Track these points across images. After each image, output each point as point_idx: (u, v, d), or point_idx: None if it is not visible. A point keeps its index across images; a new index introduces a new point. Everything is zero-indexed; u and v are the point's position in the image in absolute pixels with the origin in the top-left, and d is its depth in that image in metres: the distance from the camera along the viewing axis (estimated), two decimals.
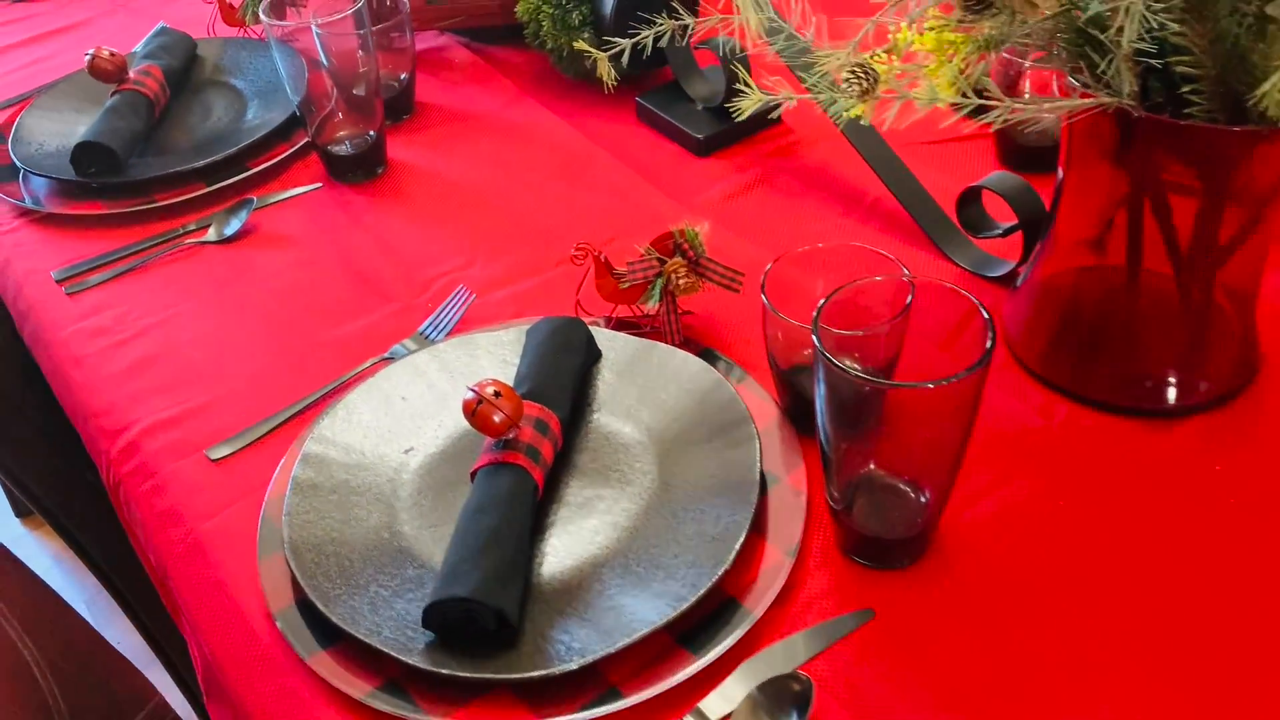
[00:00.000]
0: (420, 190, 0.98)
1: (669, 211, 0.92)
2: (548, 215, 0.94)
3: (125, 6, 1.34)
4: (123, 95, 1.03)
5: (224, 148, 1.01)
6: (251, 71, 1.13)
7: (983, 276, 0.82)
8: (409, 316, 0.83)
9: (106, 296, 0.89)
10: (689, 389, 0.71)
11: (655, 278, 0.75)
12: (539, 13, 1.05)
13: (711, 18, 0.76)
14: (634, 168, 0.98)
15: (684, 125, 1.00)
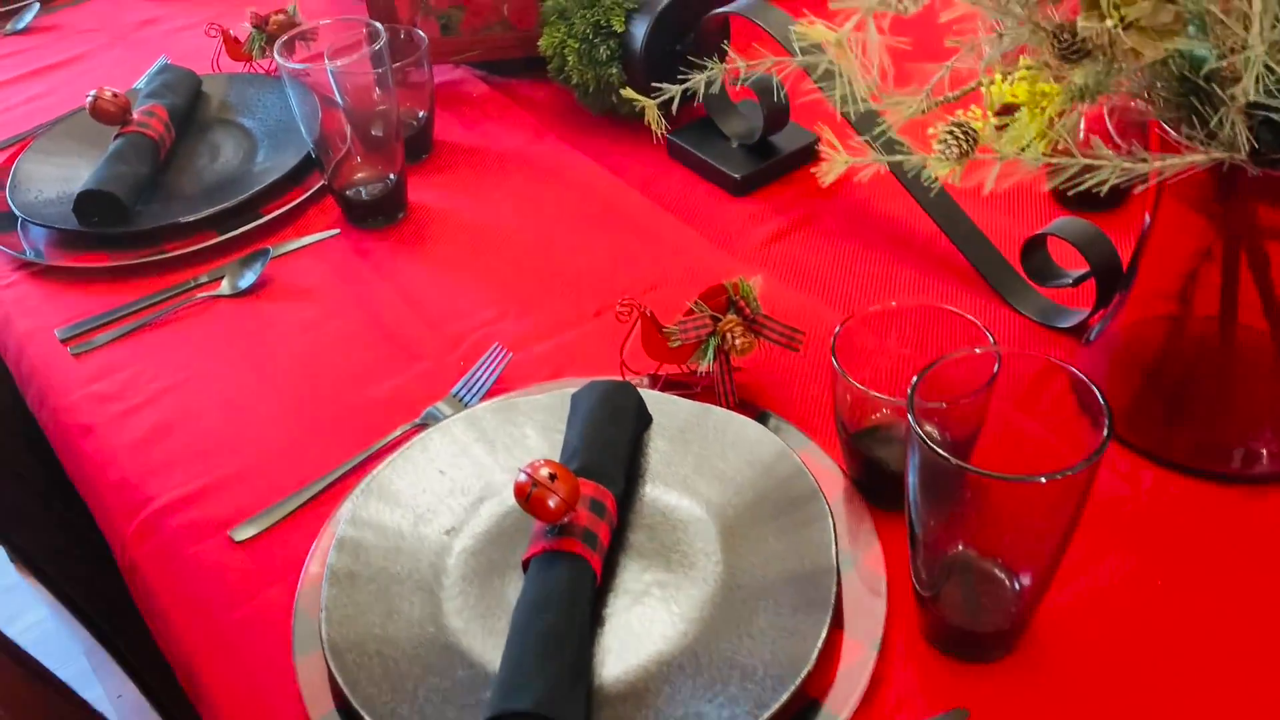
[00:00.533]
0: (444, 236, 0.93)
1: (710, 257, 0.87)
2: (580, 261, 0.89)
3: (124, 40, 1.29)
4: (127, 138, 0.98)
5: (235, 193, 0.96)
6: (260, 110, 1.08)
7: (1051, 327, 0.77)
8: (440, 376, 0.78)
9: (115, 356, 0.83)
10: (750, 459, 0.66)
11: (708, 336, 0.70)
12: (564, 47, 1.00)
13: (765, 59, 0.72)
14: (668, 208, 0.94)
15: (720, 164, 0.95)
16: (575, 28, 0.98)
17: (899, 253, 0.86)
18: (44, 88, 1.20)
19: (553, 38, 1.01)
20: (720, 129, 0.98)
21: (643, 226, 0.92)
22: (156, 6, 1.36)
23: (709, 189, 0.96)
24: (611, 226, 0.92)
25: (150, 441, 0.75)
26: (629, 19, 0.97)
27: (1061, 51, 0.54)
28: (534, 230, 0.93)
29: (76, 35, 1.31)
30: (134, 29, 1.31)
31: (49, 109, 1.16)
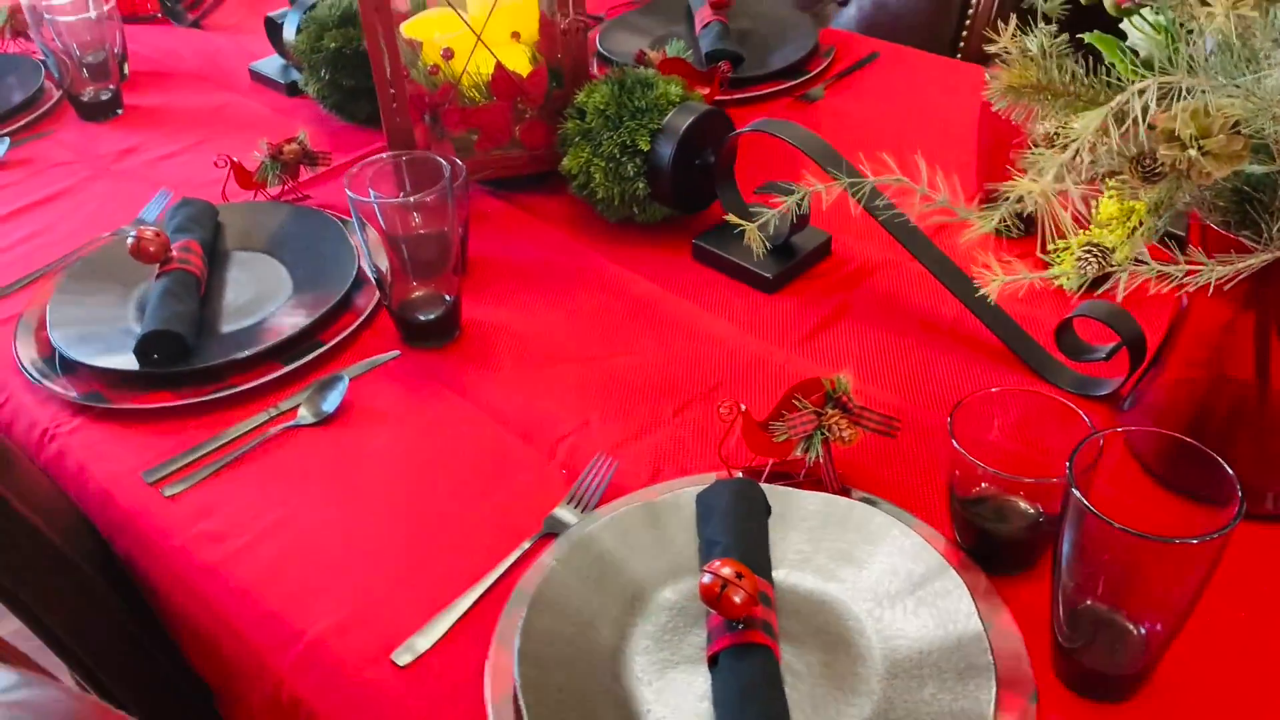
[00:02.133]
0: (502, 350, 0.98)
1: (759, 351, 0.95)
2: (638, 363, 0.95)
3: (106, 172, 1.29)
4: (173, 276, 0.99)
5: (288, 322, 0.98)
6: (282, 237, 1.10)
7: (1088, 397, 0.87)
8: (546, 486, 0.83)
9: (210, 494, 0.84)
10: (873, 539, 0.73)
11: (814, 430, 0.77)
12: (590, 165, 1.07)
13: (841, 180, 0.81)
14: (705, 308, 1.01)
15: (750, 264, 1.03)
16: (603, 148, 1.05)
17: (931, 336, 0.96)
18: (38, 225, 1.19)
19: (578, 157, 1.07)
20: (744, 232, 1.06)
21: (688, 327, 0.99)
22: (128, 135, 1.36)
23: (739, 288, 1.04)
24: (657, 328, 0.99)
25: (281, 574, 0.77)
26: (653, 138, 1.04)
27: (1143, 173, 0.64)
28: (584, 336, 0.99)
29: (53, 169, 1.30)
30: (114, 159, 1.31)
31: (49, 247, 1.15)
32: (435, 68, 1.12)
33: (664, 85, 1.07)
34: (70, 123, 1.40)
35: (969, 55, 1.53)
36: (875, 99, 1.35)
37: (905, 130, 1.26)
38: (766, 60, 1.40)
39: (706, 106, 1.06)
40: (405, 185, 0.97)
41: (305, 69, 1.31)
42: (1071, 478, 0.60)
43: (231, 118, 1.39)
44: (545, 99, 1.14)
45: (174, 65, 1.54)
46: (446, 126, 1.13)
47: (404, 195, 0.93)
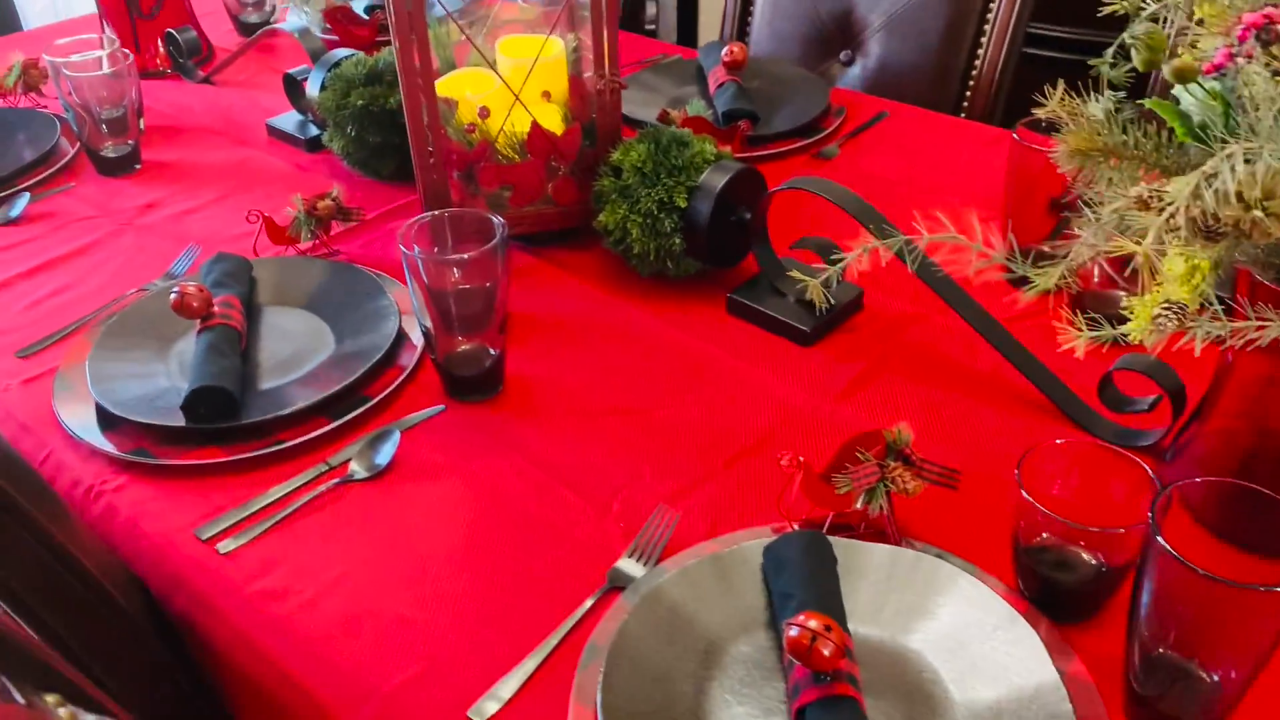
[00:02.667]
0: (546, 403, 0.98)
1: (804, 403, 0.96)
2: (684, 416, 0.96)
3: (130, 226, 1.29)
4: (216, 332, 0.99)
5: (332, 378, 0.98)
6: (319, 291, 1.11)
7: (1129, 447, 0.89)
8: (605, 539, 0.83)
9: (267, 551, 0.84)
10: (942, 590, 0.74)
11: (878, 482, 0.79)
12: (626, 221, 1.08)
13: (896, 239, 0.83)
14: (743, 361, 1.02)
15: (787, 318, 1.05)
16: (640, 204, 1.07)
17: (970, 388, 0.98)
18: (65, 280, 1.19)
19: (615, 214, 1.09)
20: (777, 287, 1.08)
21: (727, 379, 1.00)
22: (148, 189, 1.37)
23: (776, 341, 1.06)
24: (697, 380, 1.00)
25: (348, 631, 0.77)
26: (690, 195, 1.06)
27: (1205, 233, 0.67)
28: (625, 389, 1.00)
29: (76, 224, 1.29)
30: (136, 214, 1.31)
31: (78, 302, 1.14)
32: (472, 126, 1.14)
33: (699, 144, 1.10)
34: (89, 177, 1.40)
35: (973, 115, 1.57)
36: (888, 156, 1.39)
37: (920, 186, 1.30)
38: (780, 119, 1.43)
39: (741, 165, 1.08)
40: (446, 241, 0.99)
41: (330, 125, 1.32)
42: (1155, 527, 0.62)
43: (252, 172, 1.40)
44: (578, 157, 1.16)
45: (188, 120, 1.55)
46: (481, 183, 1.15)
47: (448, 251, 0.95)
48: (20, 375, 1.04)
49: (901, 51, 1.60)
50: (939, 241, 0.82)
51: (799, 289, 1.08)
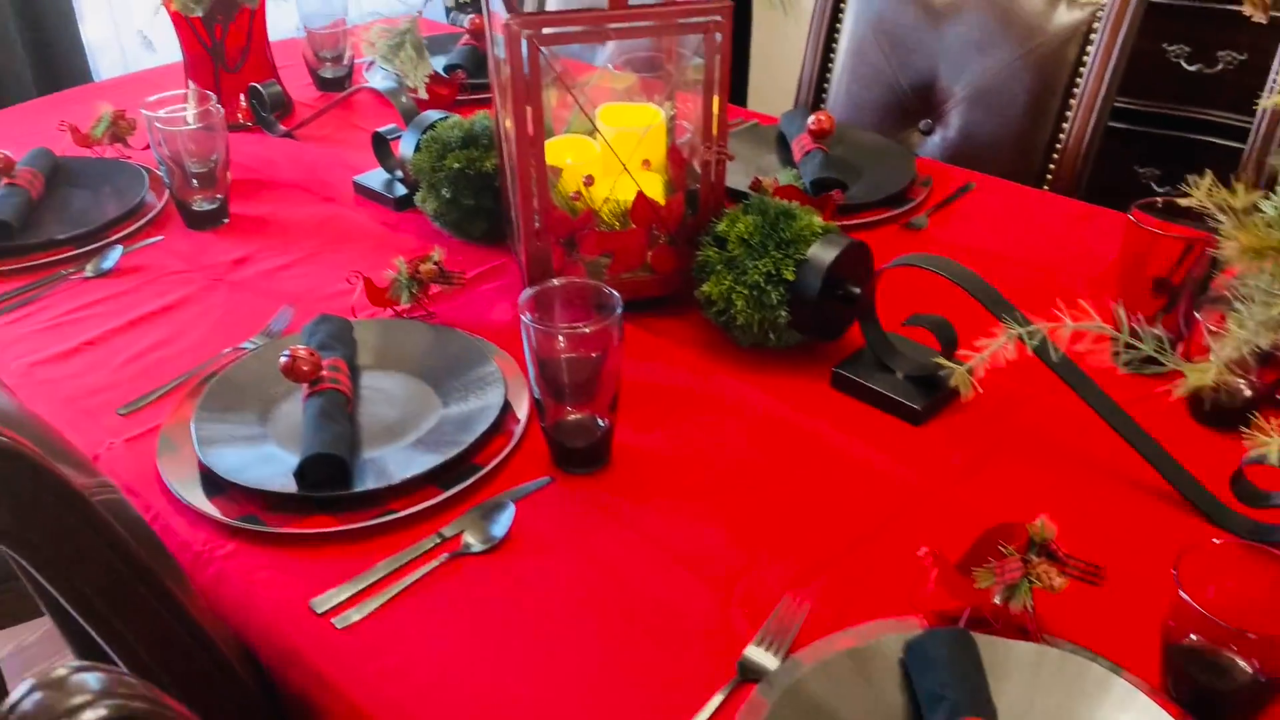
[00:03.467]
0: (654, 477, 0.97)
1: (920, 486, 0.95)
2: (796, 495, 0.94)
3: (222, 281, 1.29)
4: (326, 397, 0.98)
5: (441, 445, 0.97)
6: (422, 355, 1.10)
7: (1267, 542, 0.87)
8: (730, 627, 0.81)
9: (384, 626, 0.83)
10: (1092, 693, 0.72)
11: (1021, 578, 0.77)
12: (731, 292, 1.08)
13: (1039, 329, 0.82)
14: (852, 437, 1.01)
15: (897, 396, 1.03)
16: (747, 276, 1.06)
17: (1091, 475, 0.96)
18: (160, 335, 1.18)
19: (720, 284, 1.08)
20: (886, 363, 1.07)
21: (837, 456, 0.99)
22: (237, 244, 1.37)
23: (884, 418, 1.04)
24: (806, 457, 0.99)
25: (475, 714, 0.75)
26: (798, 268, 1.06)
27: None
28: (733, 464, 0.98)
29: (167, 278, 1.30)
30: (227, 269, 1.31)
31: (175, 359, 1.14)
32: (577, 194, 1.13)
33: (806, 216, 1.09)
34: (177, 230, 1.41)
35: (1057, 187, 1.57)
36: (977, 228, 1.38)
37: (1012, 261, 1.29)
38: (867, 188, 1.43)
39: (849, 239, 1.07)
40: (555, 310, 0.98)
41: (423, 186, 1.33)
42: None
43: (340, 230, 1.40)
44: (680, 226, 1.15)
45: (272, 174, 1.56)
46: (583, 250, 1.15)
47: (557, 320, 0.94)
48: (123, 433, 1.03)
49: (984, 122, 1.60)
50: (1077, 331, 0.81)
51: (911, 366, 1.06)
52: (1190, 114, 2.08)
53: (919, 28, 1.64)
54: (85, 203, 1.44)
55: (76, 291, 1.27)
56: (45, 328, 1.20)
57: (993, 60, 1.57)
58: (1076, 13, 1.51)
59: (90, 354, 1.16)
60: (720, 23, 1.04)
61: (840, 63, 1.74)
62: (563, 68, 1.27)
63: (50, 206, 1.42)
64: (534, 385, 0.95)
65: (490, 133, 1.32)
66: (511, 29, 1.00)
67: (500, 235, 1.34)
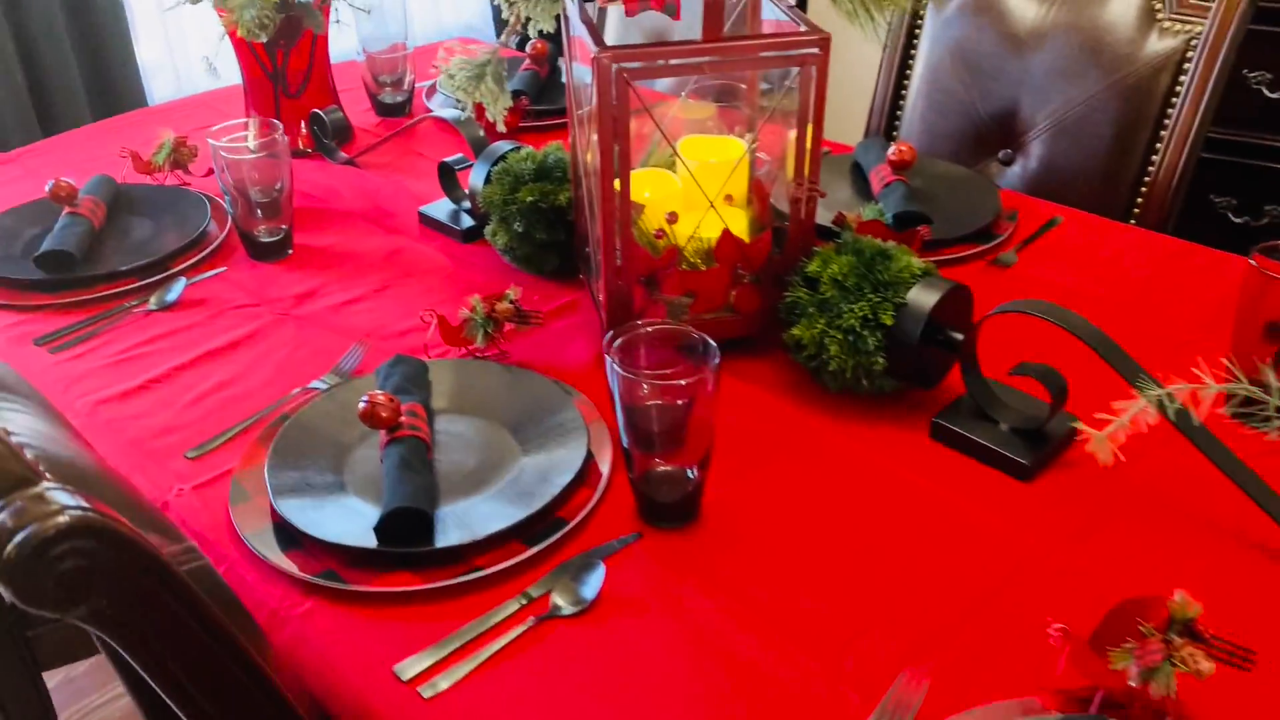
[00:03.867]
0: (747, 534, 0.92)
1: (1034, 549, 0.89)
2: (900, 557, 0.89)
3: (289, 317, 1.25)
4: (406, 445, 0.94)
5: (524, 497, 0.92)
6: (497, 398, 1.06)
7: None
8: (843, 705, 0.76)
9: (471, 695, 0.78)
10: None
11: (1163, 660, 0.71)
12: (824, 336, 1.03)
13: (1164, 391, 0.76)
14: (955, 494, 0.95)
15: (1005, 450, 0.98)
16: (842, 320, 1.01)
17: (1221, 538, 0.90)
18: (228, 373, 1.15)
19: (811, 329, 1.03)
20: (989, 414, 1.01)
21: (940, 514, 0.93)
22: (303, 277, 1.33)
23: (988, 473, 0.98)
24: (906, 515, 0.94)
25: None
26: (897, 313, 1.00)
27: None
28: (829, 521, 0.93)
29: (232, 311, 1.26)
30: (293, 303, 1.28)
31: (244, 398, 1.10)
32: (660, 232, 1.09)
33: (904, 257, 1.04)
34: (240, 261, 1.37)
35: (1145, 222, 1.51)
36: (1067, 266, 1.32)
37: (1108, 303, 1.23)
38: (950, 221, 1.37)
39: (950, 282, 1.02)
40: (641, 354, 0.93)
41: (494, 220, 1.29)
42: None
43: (407, 263, 1.36)
44: (765, 264, 1.11)
45: (335, 203, 1.53)
46: (664, 290, 1.10)
47: (643, 364, 0.90)
48: (192, 479, 0.99)
49: (1068, 153, 1.54)
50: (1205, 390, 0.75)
51: (1017, 419, 1.01)
52: (1271, 142, 2.01)
53: (1000, 54, 1.59)
54: (147, 232, 1.41)
55: (140, 325, 1.24)
56: (109, 363, 1.17)
57: (1078, 89, 1.52)
58: (1169, 41, 1.46)
59: (156, 392, 1.12)
60: (818, 55, 1.00)
61: (915, 89, 1.69)
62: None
63: (112, 235, 1.40)
64: (622, 434, 0.90)
65: (564, 165, 1.28)
66: (602, 63, 0.96)
67: (573, 270, 1.30)
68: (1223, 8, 1.40)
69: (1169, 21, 1.45)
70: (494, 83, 1.07)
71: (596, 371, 1.12)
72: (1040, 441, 0.99)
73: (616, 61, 0.96)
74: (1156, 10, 1.46)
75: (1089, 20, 1.50)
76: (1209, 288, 1.25)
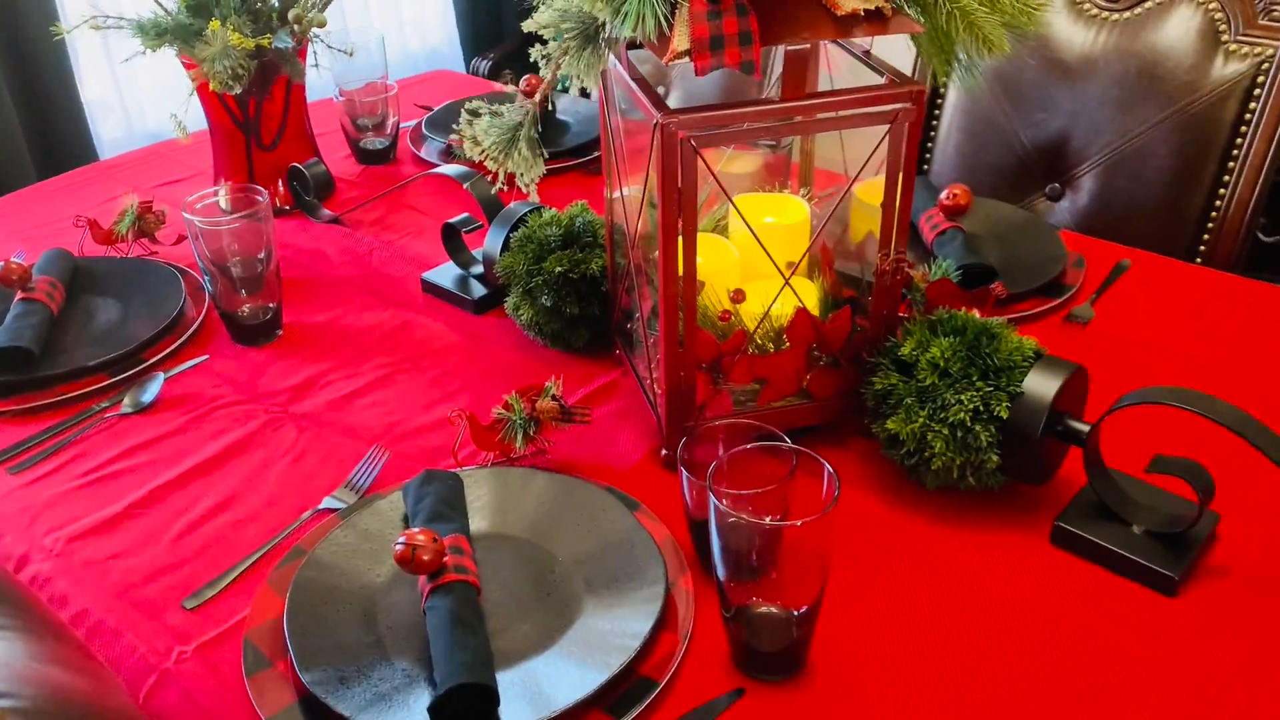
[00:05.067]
0: (866, 682, 0.78)
1: (1191, 679, 0.77)
2: (1040, 691, 0.76)
3: (288, 414, 1.09)
4: (455, 595, 0.79)
5: (596, 651, 0.78)
6: (547, 515, 0.91)
7: None
8: None
9: None
10: None
11: None
12: (927, 432, 0.89)
13: None
14: (1087, 610, 0.82)
15: (1145, 560, 0.85)
16: (949, 414, 0.88)
17: None
18: (223, 490, 0.98)
19: (910, 422, 0.90)
20: (1119, 515, 0.88)
21: (1071, 633, 0.81)
22: (297, 364, 1.17)
23: (1124, 585, 0.85)
24: (1035, 636, 0.81)
25: None
26: (1013, 403, 0.87)
27: None
28: (952, 653, 0.80)
29: (221, 411, 1.09)
30: (290, 398, 1.11)
31: (246, 524, 0.94)
32: (726, 314, 0.95)
33: (1010, 336, 0.91)
34: (223, 346, 1.21)
35: (1212, 261, 1.39)
36: (1148, 318, 1.20)
37: (1202, 360, 1.11)
38: (1015, 271, 1.24)
39: (1069, 364, 0.89)
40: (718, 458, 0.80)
41: (515, 292, 1.14)
42: None
43: (416, 342, 1.20)
44: (844, 344, 0.97)
45: (323, 270, 1.36)
46: (733, 378, 0.96)
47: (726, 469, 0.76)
48: (194, 636, 0.83)
49: (1125, 187, 1.42)
50: None
51: (1152, 521, 0.87)
52: None
53: (1046, 82, 1.47)
54: (113, 315, 1.24)
55: (114, 433, 1.07)
56: (82, 484, 1.00)
57: (1134, 119, 1.40)
58: (1237, 64, 1.34)
59: (140, 521, 0.96)
60: (910, 110, 0.86)
61: (948, 119, 1.56)
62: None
63: (74, 322, 1.23)
64: (717, 567, 0.76)
65: (594, 229, 1.13)
66: (669, 130, 0.81)
67: (604, 342, 1.15)
68: None
69: (1235, 44, 1.33)
70: (528, 149, 0.92)
71: (651, 469, 0.98)
72: (1181, 546, 0.86)
73: (686, 129, 0.82)
74: (1221, 32, 1.34)
75: (1145, 45, 1.38)
76: None
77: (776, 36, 0.81)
